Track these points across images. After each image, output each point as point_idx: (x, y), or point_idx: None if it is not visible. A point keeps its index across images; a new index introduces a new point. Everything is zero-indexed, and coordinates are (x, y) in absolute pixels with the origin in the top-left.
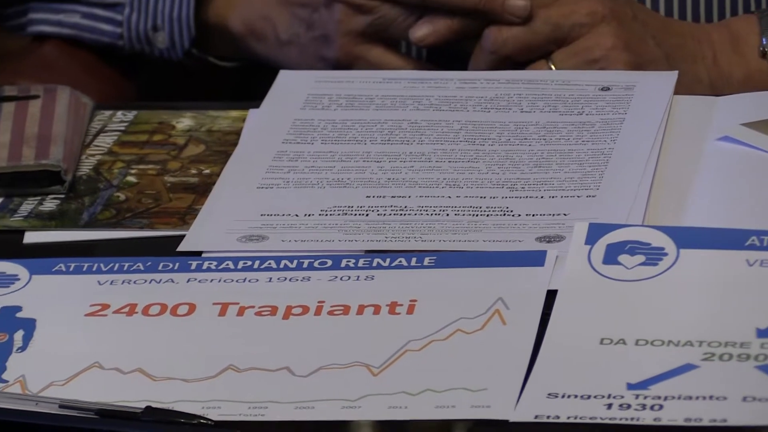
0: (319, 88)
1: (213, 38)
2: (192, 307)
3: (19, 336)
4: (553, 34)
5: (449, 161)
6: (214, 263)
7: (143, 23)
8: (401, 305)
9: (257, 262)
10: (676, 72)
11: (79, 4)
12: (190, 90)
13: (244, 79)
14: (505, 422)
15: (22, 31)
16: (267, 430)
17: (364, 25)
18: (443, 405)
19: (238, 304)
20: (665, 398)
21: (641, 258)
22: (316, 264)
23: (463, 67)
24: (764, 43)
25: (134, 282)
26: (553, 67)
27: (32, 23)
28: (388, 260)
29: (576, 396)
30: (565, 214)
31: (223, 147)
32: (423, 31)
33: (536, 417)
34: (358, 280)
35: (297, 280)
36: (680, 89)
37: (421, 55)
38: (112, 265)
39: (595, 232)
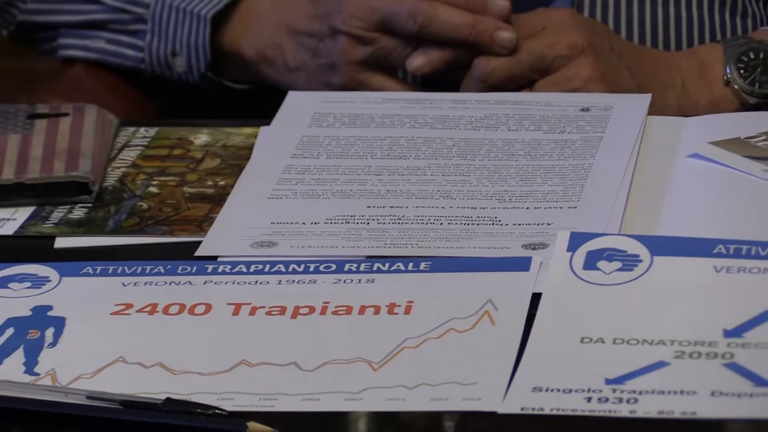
0: (324, 107)
1: (227, 63)
2: (208, 307)
3: (49, 333)
4: (536, 65)
5: (443, 175)
6: (229, 267)
7: (163, 49)
8: (399, 306)
9: (268, 266)
10: (650, 95)
11: (104, 30)
12: (206, 109)
13: (256, 100)
14: (493, 414)
15: (53, 55)
16: (277, 420)
17: (365, 55)
18: (437, 398)
19: (250, 304)
20: (640, 393)
21: (618, 264)
22: (321, 268)
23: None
24: (728, 71)
25: (155, 284)
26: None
27: (62, 48)
28: (387, 265)
29: (558, 390)
30: (548, 224)
31: (236, 161)
32: (418, 61)
33: (522, 409)
34: (359, 282)
35: (304, 282)
36: (652, 113)
37: (416, 82)
38: (135, 268)
39: (576, 241)
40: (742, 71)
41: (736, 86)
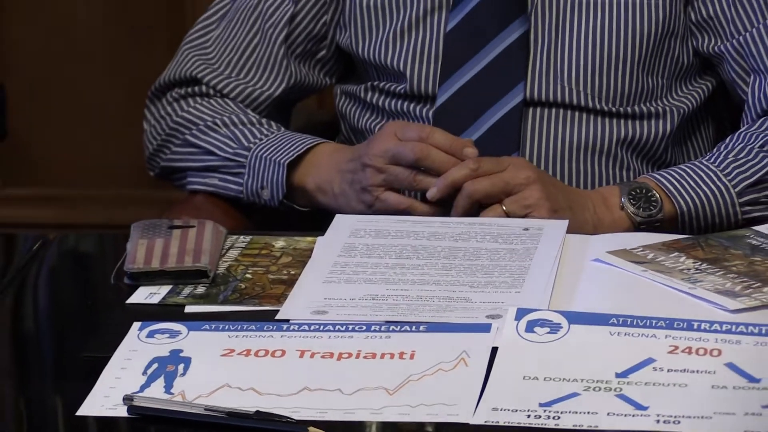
0: (358, 225)
1: (296, 194)
2: (283, 352)
3: (181, 367)
4: (505, 189)
5: (434, 270)
6: (296, 326)
7: (255, 185)
8: (406, 353)
9: (321, 326)
10: (567, 220)
11: (217, 172)
12: (283, 224)
13: (316, 219)
14: (466, 424)
15: (184, 188)
16: (326, 426)
17: (382, 180)
18: (430, 413)
19: (310, 350)
20: (562, 412)
21: (547, 329)
22: (356, 328)
23: (446, 208)
24: (622, 201)
25: (249, 336)
26: (504, 208)
27: (189, 184)
28: (398, 327)
29: (509, 410)
30: (502, 303)
31: (302, 258)
32: (432, 192)
33: (485, 422)
34: (380, 338)
35: (344, 337)
36: (574, 227)
37: (416, 196)
38: (236, 326)
39: (520, 314)
40: (632, 201)
41: (629, 211)
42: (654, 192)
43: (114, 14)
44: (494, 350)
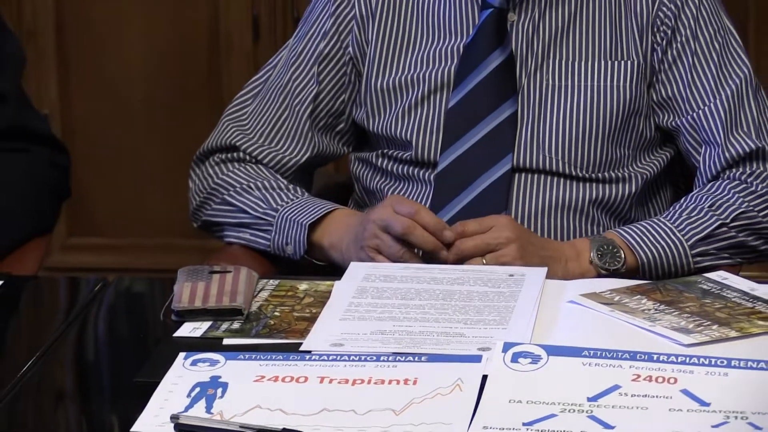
0: (370, 271)
1: (315, 250)
2: (306, 378)
3: (219, 391)
4: (487, 248)
5: (433, 309)
6: (317, 356)
7: (281, 241)
8: (410, 380)
9: (339, 357)
10: (546, 268)
11: (248, 228)
12: (304, 272)
13: (337, 268)
14: None
15: (222, 240)
16: None
17: (375, 244)
18: (431, 431)
19: (328, 377)
20: (542, 431)
21: (530, 360)
22: (367, 358)
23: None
24: (592, 256)
25: (277, 365)
26: (485, 262)
27: (226, 237)
28: (404, 357)
29: (496, 428)
30: (491, 337)
31: (322, 299)
32: (444, 254)
33: None
34: (388, 367)
35: (358, 366)
36: (549, 277)
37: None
38: (267, 356)
39: (507, 347)
40: (599, 256)
41: (596, 264)
42: (619, 249)
43: (162, 94)
44: (484, 377)
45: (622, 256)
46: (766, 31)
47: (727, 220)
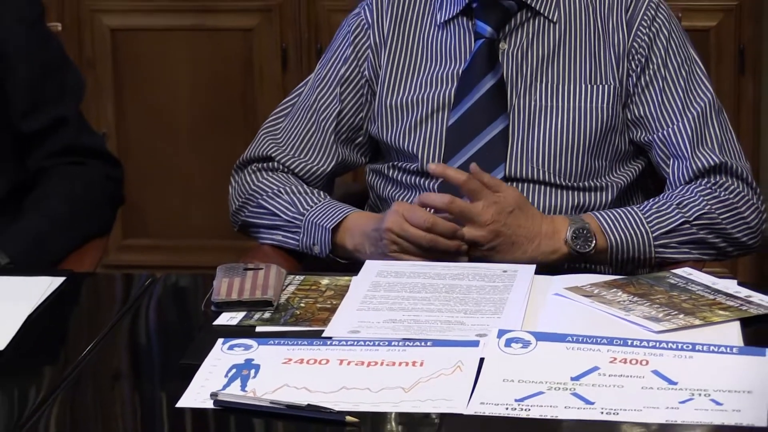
0: (383, 267)
1: (338, 249)
2: (327, 361)
3: (252, 372)
4: (477, 197)
5: (438, 301)
6: (337, 342)
7: (308, 241)
8: (417, 362)
9: (356, 342)
10: (535, 265)
11: (280, 230)
12: (327, 268)
13: (353, 265)
14: (461, 414)
15: (257, 241)
16: (359, 415)
17: (396, 248)
18: (436, 406)
19: (347, 359)
20: (531, 406)
21: (521, 344)
22: (381, 343)
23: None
24: (566, 236)
25: (303, 349)
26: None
27: (261, 238)
28: (412, 343)
29: (492, 403)
30: (487, 325)
31: (341, 292)
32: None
33: (475, 412)
34: (398, 351)
35: (372, 350)
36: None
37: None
38: (293, 341)
39: (501, 333)
40: (573, 237)
41: (569, 244)
42: (592, 234)
43: (203, 117)
44: (482, 360)
45: (594, 241)
46: (725, 64)
47: (691, 218)
